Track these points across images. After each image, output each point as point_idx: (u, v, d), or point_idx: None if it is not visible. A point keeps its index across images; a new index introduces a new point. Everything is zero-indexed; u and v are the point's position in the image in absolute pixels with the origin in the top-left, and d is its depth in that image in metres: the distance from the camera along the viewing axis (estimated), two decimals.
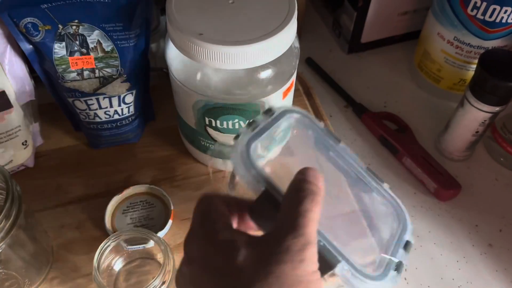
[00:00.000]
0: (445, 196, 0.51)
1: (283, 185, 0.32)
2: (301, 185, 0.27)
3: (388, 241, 0.39)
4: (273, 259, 0.24)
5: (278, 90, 0.41)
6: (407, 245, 0.39)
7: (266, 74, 0.39)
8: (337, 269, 0.33)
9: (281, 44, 0.37)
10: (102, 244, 0.39)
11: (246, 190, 0.32)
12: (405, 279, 0.45)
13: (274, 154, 0.36)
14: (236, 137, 0.34)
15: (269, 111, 0.37)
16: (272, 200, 0.31)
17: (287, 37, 0.38)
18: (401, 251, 0.38)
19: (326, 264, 0.32)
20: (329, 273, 0.33)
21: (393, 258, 0.36)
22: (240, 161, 0.33)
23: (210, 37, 0.36)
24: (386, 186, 0.41)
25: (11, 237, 0.35)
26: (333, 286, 0.38)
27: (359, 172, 0.40)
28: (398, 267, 0.37)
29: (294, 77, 0.43)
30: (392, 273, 0.36)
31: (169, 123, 0.53)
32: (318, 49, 0.43)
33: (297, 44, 0.41)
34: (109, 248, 0.39)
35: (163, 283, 0.38)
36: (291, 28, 0.38)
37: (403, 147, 0.53)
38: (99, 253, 0.38)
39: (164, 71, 0.58)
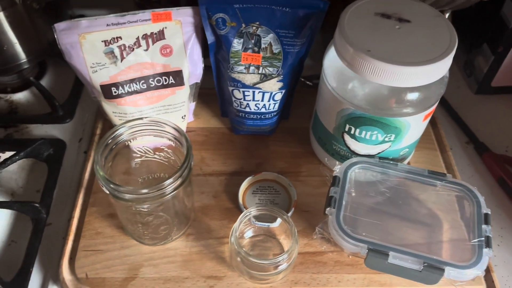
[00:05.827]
0: None
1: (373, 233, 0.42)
2: None
3: (471, 224, 0.44)
4: None
5: (421, 112, 0.45)
6: (487, 217, 0.43)
7: (413, 96, 0.44)
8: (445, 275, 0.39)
9: (439, 71, 0.41)
10: (243, 213, 0.44)
11: None
12: None
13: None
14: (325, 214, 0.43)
15: (335, 181, 0.45)
16: (379, 253, 0.40)
17: (444, 66, 0.42)
18: (484, 227, 0.42)
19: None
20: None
21: (480, 239, 0.41)
22: (339, 238, 0.42)
23: (377, 54, 0.41)
24: (449, 176, 0.47)
25: (177, 192, 0.42)
26: None
27: (422, 176, 0.46)
28: (488, 242, 0.42)
29: (437, 104, 0.46)
30: (485, 251, 0.41)
31: (300, 124, 0.59)
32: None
33: (448, 74, 0.45)
34: (247, 218, 0.45)
35: (288, 259, 0.43)
36: (450, 58, 0.42)
37: None
38: (240, 219, 0.44)
39: (302, 80, 0.64)
